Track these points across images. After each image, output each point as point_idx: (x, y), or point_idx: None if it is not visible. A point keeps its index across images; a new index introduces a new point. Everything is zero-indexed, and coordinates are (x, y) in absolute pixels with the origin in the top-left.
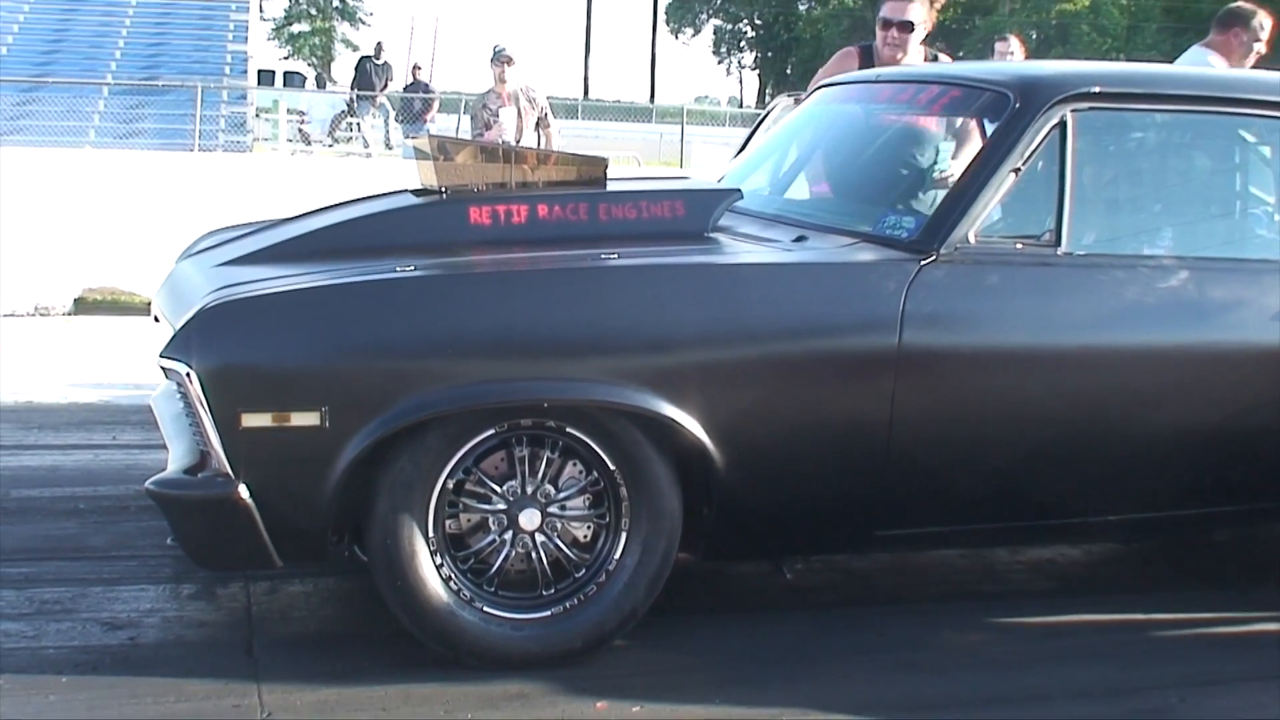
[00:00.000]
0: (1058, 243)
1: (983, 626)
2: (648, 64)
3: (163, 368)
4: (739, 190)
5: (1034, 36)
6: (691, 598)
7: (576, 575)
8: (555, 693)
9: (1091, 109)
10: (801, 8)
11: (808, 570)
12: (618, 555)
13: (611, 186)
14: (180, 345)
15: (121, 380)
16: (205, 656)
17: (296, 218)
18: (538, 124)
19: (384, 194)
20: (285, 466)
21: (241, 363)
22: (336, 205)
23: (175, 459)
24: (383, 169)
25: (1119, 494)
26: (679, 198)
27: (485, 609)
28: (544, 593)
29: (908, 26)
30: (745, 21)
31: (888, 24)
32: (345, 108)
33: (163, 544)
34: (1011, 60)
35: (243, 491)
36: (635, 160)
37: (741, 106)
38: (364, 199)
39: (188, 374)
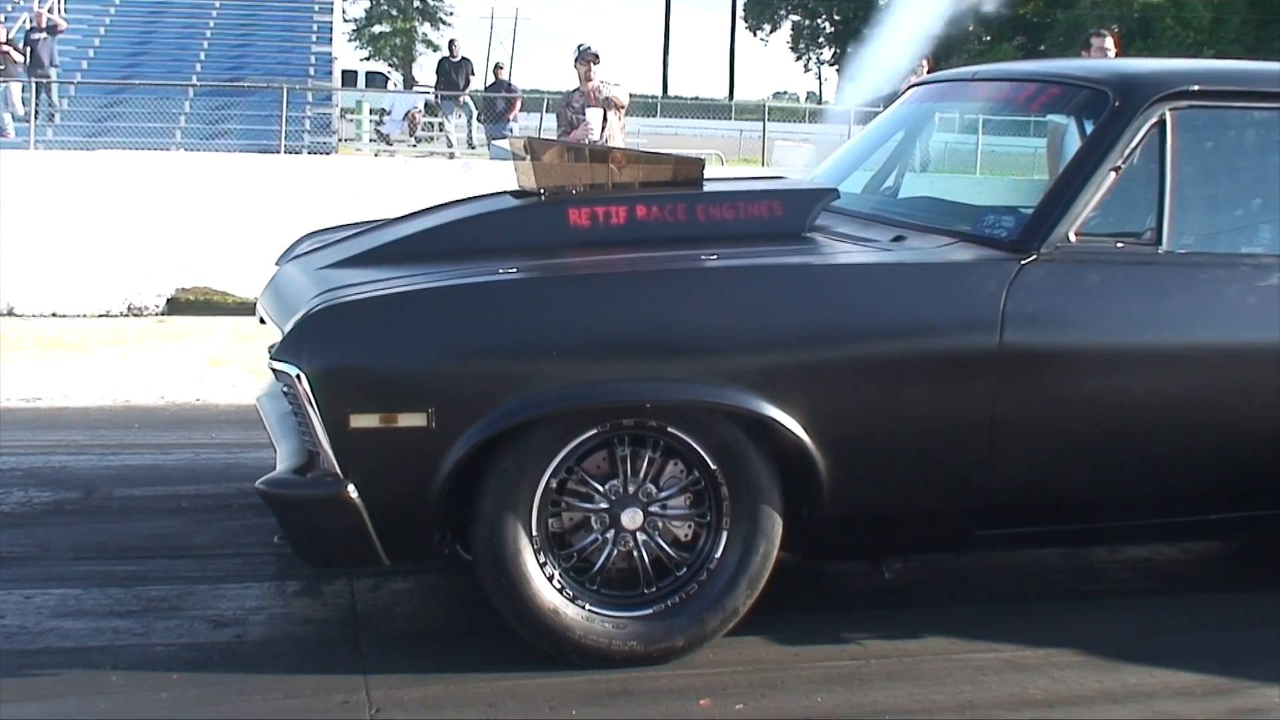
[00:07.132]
0: (1158, 241)
1: (1083, 625)
2: (726, 61)
3: (273, 369)
4: (835, 190)
5: (1116, 30)
6: (791, 596)
7: (678, 574)
8: (658, 690)
9: (1191, 107)
10: (881, 3)
11: (906, 570)
12: (719, 554)
13: (707, 187)
14: (290, 348)
15: (217, 379)
16: (313, 653)
17: (396, 220)
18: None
19: (483, 196)
20: (392, 466)
21: (350, 365)
22: (435, 208)
23: (284, 459)
24: (466, 169)
25: (1219, 493)
26: (776, 198)
27: (588, 607)
28: (646, 591)
29: None
30: (824, 18)
31: None
32: (421, 105)
33: (266, 542)
34: (1107, 57)
35: (351, 491)
36: (718, 158)
37: (821, 103)
38: (463, 201)
39: (298, 376)
